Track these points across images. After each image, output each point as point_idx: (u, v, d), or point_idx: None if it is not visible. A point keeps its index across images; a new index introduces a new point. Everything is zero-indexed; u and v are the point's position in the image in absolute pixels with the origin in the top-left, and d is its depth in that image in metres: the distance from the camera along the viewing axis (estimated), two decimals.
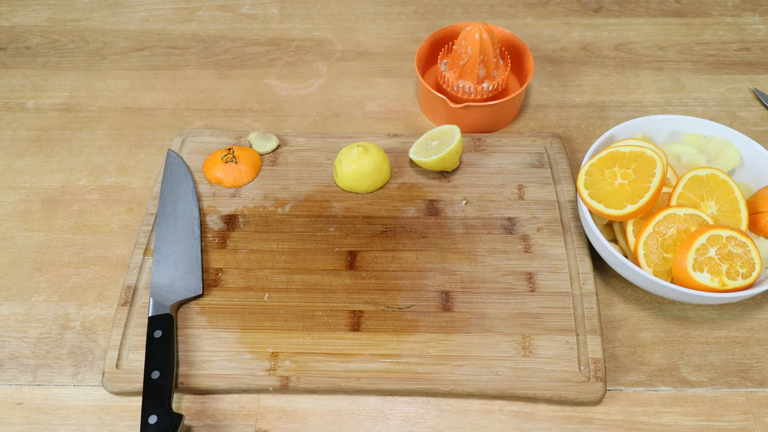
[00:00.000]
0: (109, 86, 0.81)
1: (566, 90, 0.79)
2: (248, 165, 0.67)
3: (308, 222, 0.64)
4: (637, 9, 0.89)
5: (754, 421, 0.52)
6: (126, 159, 0.72)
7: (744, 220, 0.56)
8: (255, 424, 0.52)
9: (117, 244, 0.64)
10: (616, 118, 0.75)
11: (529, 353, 0.54)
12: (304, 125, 0.76)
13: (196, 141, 0.71)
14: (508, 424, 0.52)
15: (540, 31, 0.87)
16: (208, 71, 0.82)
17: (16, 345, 0.58)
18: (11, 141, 0.74)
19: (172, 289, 0.58)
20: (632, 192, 0.55)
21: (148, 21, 0.89)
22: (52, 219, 0.67)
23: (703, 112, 0.76)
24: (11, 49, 0.86)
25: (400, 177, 0.68)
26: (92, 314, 0.59)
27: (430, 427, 0.52)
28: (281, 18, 0.90)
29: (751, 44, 0.83)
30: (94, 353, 0.57)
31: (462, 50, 0.69)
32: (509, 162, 0.68)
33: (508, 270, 0.60)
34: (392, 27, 0.88)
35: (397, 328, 0.56)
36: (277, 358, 0.54)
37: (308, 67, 0.83)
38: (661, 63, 0.82)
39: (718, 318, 0.58)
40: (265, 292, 0.59)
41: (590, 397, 0.52)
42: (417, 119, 0.76)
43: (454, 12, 0.90)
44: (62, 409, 0.54)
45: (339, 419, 0.53)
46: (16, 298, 0.61)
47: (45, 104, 0.78)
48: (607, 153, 0.58)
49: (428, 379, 0.53)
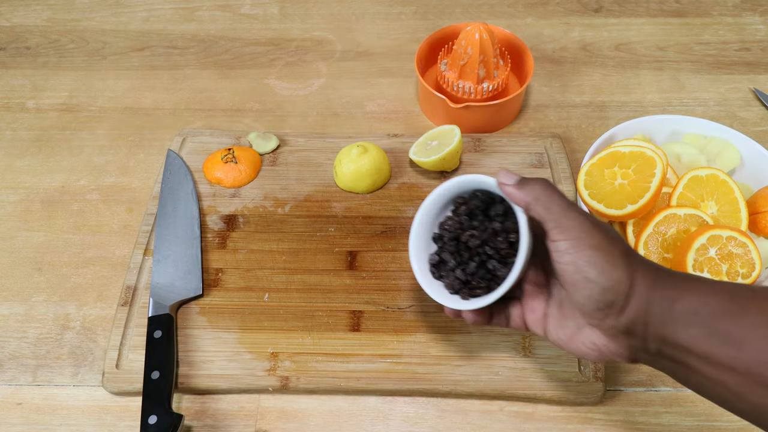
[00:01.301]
0: (109, 86, 0.81)
1: (566, 90, 0.79)
2: (248, 165, 0.67)
3: (308, 222, 0.64)
4: (637, 9, 0.89)
5: None
6: (126, 159, 0.72)
7: (744, 220, 0.56)
8: (255, 424, 0.52)
9: (117, 244, 0.64)
10: (616, 118, 0.75)
11: (529, 353, 0.54)
12: (304, 125, 0.76)
13: (196, 141, 0.71)
14: (508, 424, 0.52)
15: (540, 31, 0.86)
16: (208, 71, 0.82)
17: (16, 345, 0.58)
18: (11, 141, 0.74)
19: (172, 289, 0.58)
20: (632, 192, 0.55)
21: (148, 21, 0.89)
22: (52, 219, 0.67)
23: (703, 112, 0.76)
24: (11, 49, 0.86)
25: (400, 177, 0.67)
26: (92, 314, 0.59)
27: (430, 427, 0.52)
28: (281, 18, 0.90)
29: (751, 44, 0.83)
30: (94, 353, 0.57)
31: (462, 50, 0.69)
32: (509, 162, 0.68)
33: None
34: (392, 27, 0.88)
35: (397, 328, 0.56)
36: (277, 359, 0.54)
37: (308, 67, 0.83)
38: (661, 63, 0.82)
39: None
40: (265, 292, 0.59)
41: (590, 397, 0.52)
42: (417, 119, 0.76)
43: (454, 12, 0.90)
44: (62, 409, 0.54)
45: (339, 419, 0.53)
46: (16, 298, 0.61)
47: (45, 104, 0.78)
48: (607, 153, 0.58)
49: (428, 379, 0.53)
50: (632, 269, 0.37)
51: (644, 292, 0.36)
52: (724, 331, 0.32)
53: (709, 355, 0.33)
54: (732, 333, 0.32)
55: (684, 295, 0.35)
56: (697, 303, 0.34)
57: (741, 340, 0.32)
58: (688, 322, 0.34)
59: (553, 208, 0.38)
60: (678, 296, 0.35)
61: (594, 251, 0.36)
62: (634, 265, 0.37)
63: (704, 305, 0.34)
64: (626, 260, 0.37)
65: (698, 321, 0.34)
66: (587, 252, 0.36)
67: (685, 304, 0.35)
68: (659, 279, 0.36)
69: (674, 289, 0.36)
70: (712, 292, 0.35)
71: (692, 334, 0.34)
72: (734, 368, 0.32)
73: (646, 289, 0.36)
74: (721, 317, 0.33)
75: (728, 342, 0.32)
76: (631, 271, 0.36)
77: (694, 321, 0.34)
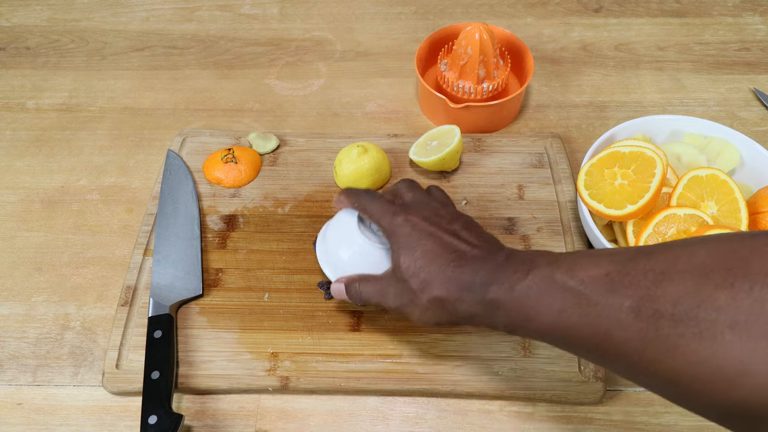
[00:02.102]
0: (109, 86, 0.81)
1: (566, 90, 0.79)
2: (248, 165, 0.67)
3: (308, 222, 0.64)
4: (637, 9, 0.89)
5: None
6: (126, 159, 0.72)
7: (744, 220, 0.56)
8: (255, 424, 0.52)
9: (117, 244, 0.64)
10: (616, 118, 0.75)
11: (529, 353, 0.54)
12: (304, 125, 0.76)
13: (196, 141, 0.71)
14: (507, 424, 0.52)
15: (540, 31, 0.87)
16: (208, 71, 0.82)
17: (16, 345, 0.58)
18: (11, 141, 0.74)
19: (172, 289, 0.58)
20: (632, 192, 0.55)
21: (148, 21, 0.89)
22: (52, 219, 0.67)
23: (703, 112, 0.76)
24: (11, 49, 0.86)
25: (400, 177, 0.67)
26: (92, 314, 0.59)
27: (430, 427, 0.52)
28: (281, 18, 0.90)
29: (751, 44, 0.83)
30: (94, 353, 0.57)
31: (462, 50, 0.69)
32: (509, 162, 0.68)
33: None
34: (392, 27, 0.88)
35: (397, 328, 0.56)
36: (277, 359, 0.54)
37: (308, 67, 0.83)
38: (661, 63, 0.82)
39: None
40: (265, 293, 0.59)
41: (590, 397, 0.52)
42: (417, 119, 0.76)
43: (454, 12, 0.90)
44: (62, 409, 0.54)
45: (339, 419, 0.53)
46: (16, 298, 0.61)
47: (45, 104, 0.78)
48: (607, 153, 0.58)
49: (428, 379, 0.53)
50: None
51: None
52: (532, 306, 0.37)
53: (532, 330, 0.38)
54: (533, 307, 0.37)
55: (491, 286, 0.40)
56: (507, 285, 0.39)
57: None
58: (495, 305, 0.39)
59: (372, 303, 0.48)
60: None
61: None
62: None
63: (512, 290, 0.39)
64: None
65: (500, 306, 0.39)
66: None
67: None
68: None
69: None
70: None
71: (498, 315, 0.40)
72: (550, 333, 0.37)
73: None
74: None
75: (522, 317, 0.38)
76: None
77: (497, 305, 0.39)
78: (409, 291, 0.43)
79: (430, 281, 0.41)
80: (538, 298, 0.36)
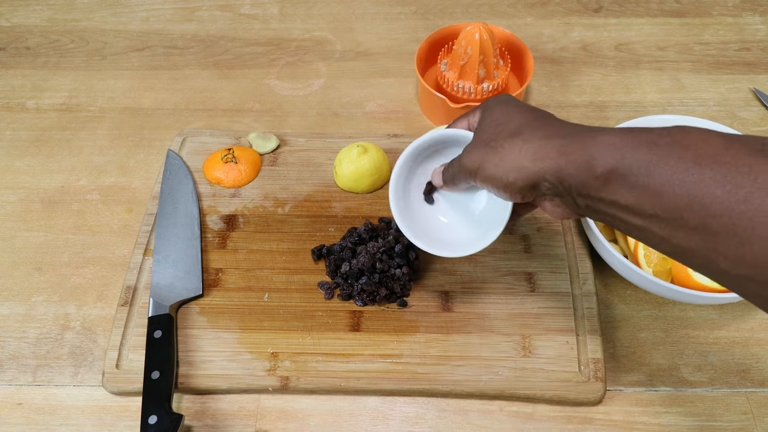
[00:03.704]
0: (109, 86, 0.81)
1: (566, 90, 0.79)
2: (248, 165, 0.67)
3: (308, 222, 0.64)
4: (637, 9, 0.89)
5: (754, 421, 0.52)
6: (126, 159, 0.72)
7: None
8: (255, 424, 0.52)
9: (117, 244, 0.64)
10: (616, 118, 0.75)
11: (529, 353, 0.54)
12: (304, 125, 0.76)
13: (196, 141, 0.71)
14: (508, 424, 0.52)
15: (540, 31, 0.87)
16: (208, 71, 0.82)
17: (16, 345, 0.58)
18: (11, 141, 0.74)
19: (172, 289, 0.58)
20: None
21: (148, 21, 0.89)
22: (52, 219, 0.67)
23: (703, 112, 0.76)
24: (11, 49, 0.86)
25: None
26: (92, 314, 0.59)
27: (430, 427, 0.52)
28: (281, 18, 0.90)
29: (751, 44, 0.83)
30: (94, 353, 0.57)
31: (462, 50, 0.69)
32: None
33: (508, 270, 0.60)
34: (392, 27, 0.88)
35: (397, 328, 0.56)
36: (277, 359, 0.54)
37: (308, 67, 0.83)
38: (661, 63, 0.82)
39: (718, 318, 0.58)
40: (265, 292, 0.59)
41: (590, 397, 0.52)
42: (417, 119, 0.76)
43: (454, 12, 0.90)
44: (62, 409, 0.54)
45: (339, 419, 0.53)
46: (16, 298, 0.61)
47: (45, 104, 0.78)
48: None
49: (428, 379, 0.53)
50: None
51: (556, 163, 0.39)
52: (643, 184, 0.35)
53: (632, 206, 0.35)
54: (650, 184, 0.34)
55: (600, 153, 0.37)
56: (619, 153, 0.36)
57: (660, 191, 0.34)
58: (608, 179, 0.36)
59: (461, 178, 0.46)
60: (594, 157, 0.37)
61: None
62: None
63: (624, 158, 0.36)
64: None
65: (618, 178, 0.36)
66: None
67: (602, 162, 0.37)
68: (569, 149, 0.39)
69: (586, 149, 0.38)
70: (633, 146, 0.36)
71: (615, 189, 0.36)
72: (656, 215, 0.34)
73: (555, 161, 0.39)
74: (642, 169, 0.35)
75: (648, 192, 0.35)
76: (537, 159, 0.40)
77: (614, 178, 0.36)
78: (492, 136, 0.42)
79: (517, 123, 0.42)
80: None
